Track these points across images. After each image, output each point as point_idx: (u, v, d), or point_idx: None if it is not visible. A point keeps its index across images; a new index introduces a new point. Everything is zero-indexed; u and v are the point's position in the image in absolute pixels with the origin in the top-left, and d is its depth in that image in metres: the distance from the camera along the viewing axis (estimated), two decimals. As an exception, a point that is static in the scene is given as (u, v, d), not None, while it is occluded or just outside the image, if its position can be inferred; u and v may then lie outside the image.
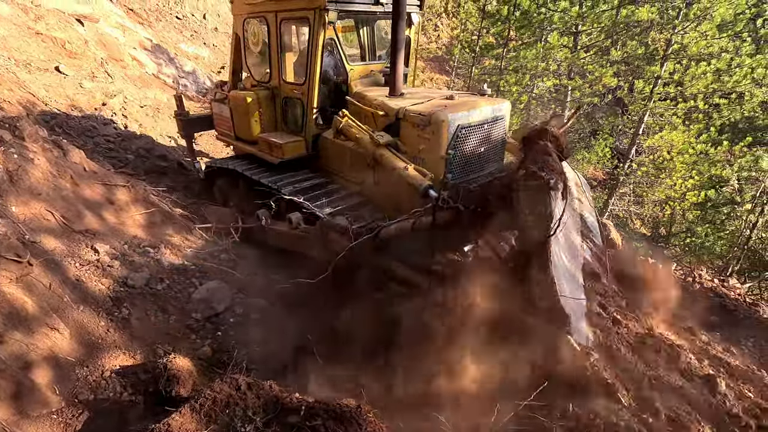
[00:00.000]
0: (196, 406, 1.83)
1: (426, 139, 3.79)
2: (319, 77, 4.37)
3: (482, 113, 3.93)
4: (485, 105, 3.97)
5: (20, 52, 9.09)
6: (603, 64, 12.22)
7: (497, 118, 4.08)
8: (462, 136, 3.79)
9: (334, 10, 4.10)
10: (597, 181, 19.12)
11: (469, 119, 3.83)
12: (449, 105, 3.92)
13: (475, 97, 4.35)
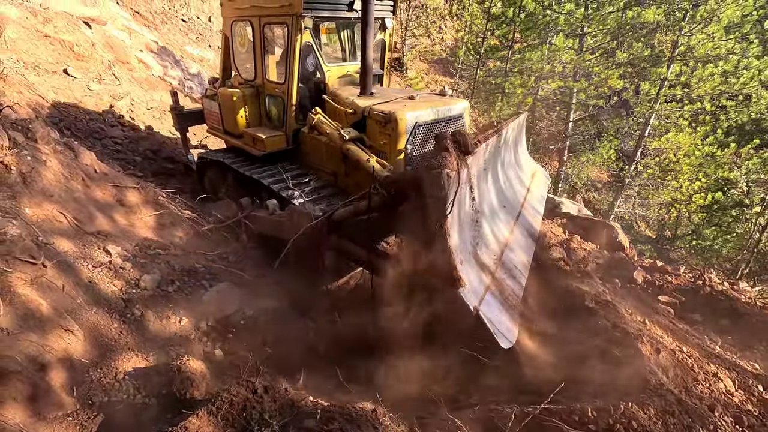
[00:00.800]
0: (213, 409, 1.82)
1: (387, 135, 4.19)
2: (297, 77, 4.71)
3: (439, 112, 4.35)
4: (442, 105, 4.40)
5: (29, 55, 9.15)
6: (609, 66, 12.18)
7: (454, 117, 4.49)
8: (419, 133, 4.23)
9: (309, 16, 4.46)
10: (601, 183, 19.05)
11: (426, 117, 4.25)
12: (408, 104, 4.32)
13: (435, 97, 4.76)
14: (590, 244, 6.32)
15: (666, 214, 14.09)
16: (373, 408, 2.10)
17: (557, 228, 6.70)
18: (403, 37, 20.74)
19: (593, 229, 7.06)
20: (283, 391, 1.99)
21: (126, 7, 16.30)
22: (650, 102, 11.65)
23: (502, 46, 14.07)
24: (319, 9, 4.53)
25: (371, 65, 4.51)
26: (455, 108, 4.48)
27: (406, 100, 4.45)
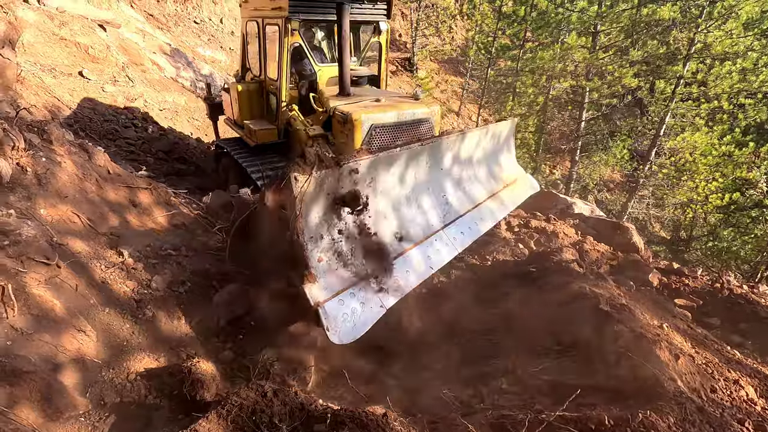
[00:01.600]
0: (222, 412, 1.82)
1: (345, 134, 4.42)
2: (286, 75, 5.01)
3: (400, 116, 4.53)
4: (406, 108, 4.60)
5: (46, 58, 9.31)
6: (622, 64, 11.98)
7: (418, 121, 4.68)
8: (376, 134, 4.42)
9: (296, 19, 4.69)
10: (614, 184, 18.77)
11: (383, 120, 4.43)
12: (370, 107, 4.51)
13: (403, 101, 4.92)
14: (603, 245, 6.21)
15: (681, 215, 13.83)
16: (384, 412, 2.08)
17: (569, 229, 6.60)
18: (413, 37, 20.69)
19: (607, 230, 6.95)
20: (292, 394, 1.97)
21: (140, 10, 16.53)
22: (665, 101, 11.44)
23: (514, 45, 13.94)
24: (306, 12, 4.73)
25: (348, 68, 4.71)
26: (419, 112, 4.66)
27: (372, 103, 4.61)
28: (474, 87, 19.10)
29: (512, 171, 5.37)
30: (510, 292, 4.50)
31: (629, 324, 2.77)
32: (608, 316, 2.89)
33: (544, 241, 6.31)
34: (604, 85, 11.95)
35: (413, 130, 4.64)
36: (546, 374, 2.69)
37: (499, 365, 3.13)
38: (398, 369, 3.73)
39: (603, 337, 2.72)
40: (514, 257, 5.80)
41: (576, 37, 11.71)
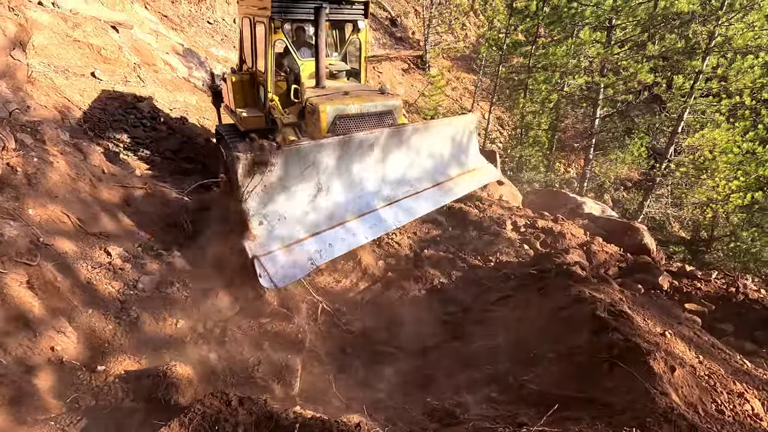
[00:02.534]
0: (185, 420, 1.77)
1: (314, 123, 4.87)
2: (272, 69, 5.48)
3: (363, 107, 4.97)
4: (368, 101, 5.03)
5: (59, 59, 9.49)
6: (639, 59, 11.61)
7: (381, 113, 5.12)
8: (340, 123, 4.83)
9: (279, 18, 5.10)
10: (632, 182, 18.26)
11: (347, 111, 4.86)
12: (336, 99, 4.95)
13: (369, 94, 5.32)
14: (613, 246, 6.01)
15: (701, 215, 13.36)
16: (358, 422, 2.00)
17: (578, 229, 6.40)
18: (425, 35, 20.51)
19: (617, 230, 6.73)
20: (261, 403, 1.91)
21: (154, 11, 16.77)
22: (684, 97, 11.03)
23: (526, 41, 13.66)
24: (288, 12, 5.17)
25: (323, 62, 5.22)
26: (380, 105, 5.11)
27: (340, 95, 5.09)
28: (486, 84, 18.83)
29: (474, 160, 5.97)
30: (510, 294, 4.37)
31: (626, 332, 2.62)
32: (605, 323, 2.75)
33: (551, 242, 6.14)
34: (620, 81, 11.60)
35: (375, 121, 5.09)
36: (535, 383, 2.57)
37: (491, 372, 3.02)
38: (391, 373, 3.66)
39: (597, 346, 2.59)
40: (518, 258, 5.65)
41: (590, 32, 11.39)
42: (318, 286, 4.69)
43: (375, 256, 5.38)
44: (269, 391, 2.82)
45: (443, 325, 4.39)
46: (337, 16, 5.48)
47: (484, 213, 6.65)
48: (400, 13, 27.84)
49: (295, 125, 5.18)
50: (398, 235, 5.94)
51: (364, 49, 6.17)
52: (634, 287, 4.74)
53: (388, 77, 19.38)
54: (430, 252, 5.58)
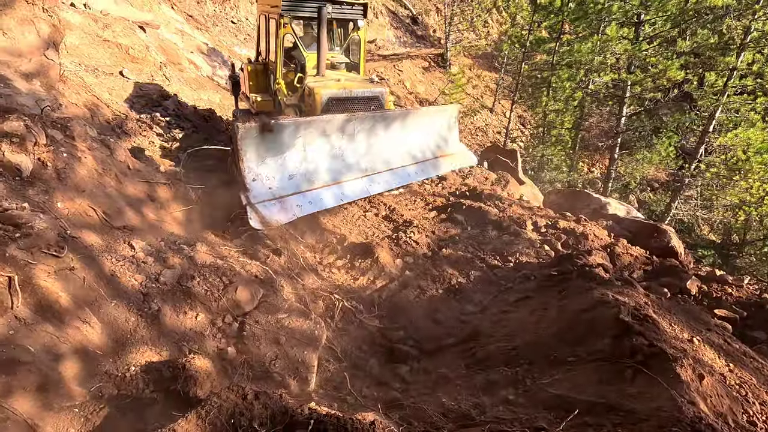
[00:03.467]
0: (202, 413, 1.79)
1: (311, 104, 5.69)
2: (281, 59, 6.32)
3: (352, 92, 5.74)
4: (356, 87, 5.85)
5: (89, 58, 9.78)
6: (669, 55, 11.23)
7: (367, 97, 5.87)
8: (332, 105, 5.58)
9: (288, 15, 5.89)
10: (659, 183, 17.69)
11: (338, 94, 5.64)
12: (330, 84, 5.77)
13: (358, 82, 6.13)
14: (638, 248, 5.82)
15: (732, 217, 12.83)
16: (372, 420, 1.99)
17: (601, 231, 6.23)
18: (446, 33, 20.33)
19: (643, 232, 6.52)
20: (276, 397, 1.92)
21: (180, 12, 17.13)
22: (716, 94, 10.61)
23: (550, 38, 13.37)
24: (296, 10, 5.93)
25: (324, 54, 6.01)
26: (368, 91, 5.89)
27: (334, 82, 5.90)
28: (508, 82, 18.54)
29: (453, 146, 6.72)
30: (530, 296, 4.29)
31: (651, 336, 2.53)
32: (628, 328, 2.66)
33: (573, 243, 5.99)
34: (648, 78, 11.24)
35: (363, 105, 5.86)
36: (555, 387, 2.51)
37: (509, 374, 2.97)
38: (406, 371, 3.64)
39: (620, 351, 2.50)
40: (539, 259, 5.54)
41: (617, 28, 11.07)
42: (335, 283, 4.71)
43: (392, 254, 5.36)
44: (285, 386, 2.84)
45: (461, 324, 4.35)
46: (338, 15, 6.33)
47: (503, 213, 6.55)
48: (422, 11, 27.68)
49: (296, 107, 6.12)
50: (416, 233, 5.91)
51: (363, 45, 7.04)
52: (660, 291, 4.58)
53: (408, 75, 19.31)
54: (448, 251, 5.53)
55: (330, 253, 5.53)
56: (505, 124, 15.22)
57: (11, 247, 2.42)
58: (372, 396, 3.14)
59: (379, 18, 25.79)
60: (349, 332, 4.06)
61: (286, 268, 4.34)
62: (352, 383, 3.27)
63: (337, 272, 5.13)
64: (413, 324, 4.30)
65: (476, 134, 17.98)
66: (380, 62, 19.74)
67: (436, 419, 2.40)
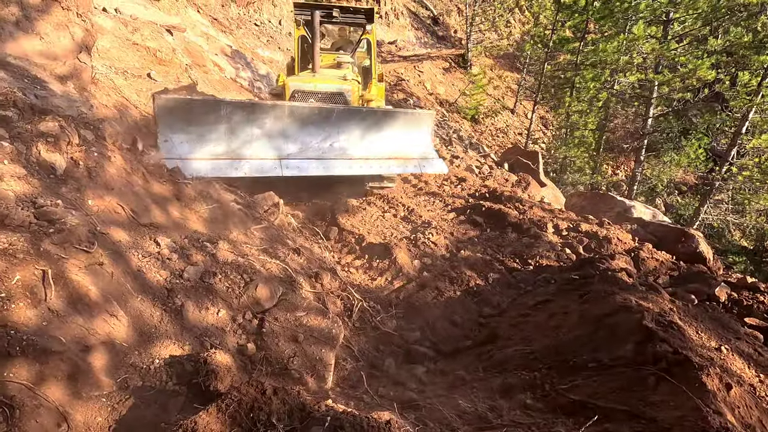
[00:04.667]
0: (222, 406, 1.84)
1: (284, 95, 6.49)
2: (297, 55, 7.68)
3: (316, 87, 6.38)
4: (324, 82, 6.48)
5: (120, 61, 10.12)
6: (699, 54, 10.88)
7: (332, 93, 6.42)
8: (297, 96, 6.30)
9: (300, 19, 7.11)
10: (687, 186, 17.11)
11: (302, 87, 6.36)
12: (302, 78, 6.67)
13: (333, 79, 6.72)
14: (664, 253, 5.66)
15: (766, 222, 12.32)
16: (388, 419, 2.00)
17: (625, 234, 6.09)
18: (468, 33, 20.20)
19: (669, 237, 6.34)
20: (294, 393, 1.95)
21: (206, 15, 17.54)
22: (750, 95, 10.21)
23: (574, 38, 13.12)
24: (307, 15, 6.93)
25: (317, 53, 6.72)
26: (333, 87, 6.47)
27: (309, 76, 6.67)
28: (530, 83, 18.28)
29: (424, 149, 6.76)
30: (549, 299, 4.23)
31: (675, 344, 2.46)
32: (652, 334, 2.59)
33: (595, 247, 5.88)
34: (676, 78, 10.91)
35: (327, 98, 6.36)
36: (575, 393, 2.46)
37: (527, 378, 2.93)
38: (422, 372, 3.64)
39: (643, 357, 2.44)
40: (559, 263, 5.45)
41: (644, 26, 10.78)
42: (353, 282, 4.75)
43: (410, 255, 5.37)
44: (303, 384, 2.88)
45: (478, 327, 4.32)
46: (347, 19, 7.09)
47: (524, 215, 6.47)
48: (443, 11, 27.58)
49: (277, 96, 7.13)
50: (435, 235, 5.90)
51: (374, 46, 7.81)
52: (686, 297, 4.44)
53: (428, 76, 19.25)
54: (467, 253, 5.50)
55: (348, 252, 5.57)
56: (527, 125, 15.00)
57: (45, 242, 2.53)
58: (388, 396, 3.14)
59: (400, 19, 25.81)
60: (366, 332, 4.08)
61: (305, 267, 4.40)
62: (368, 382, 3.28)
63: (355, 272, 5.17)
64: (430, 325, 4.29)
65: (497, 135, 17.79)
66: (400, 63, 19.75)
67: (452, 421, 2.39)
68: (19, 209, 2.65)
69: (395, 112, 6.78)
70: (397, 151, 6.43)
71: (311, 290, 3.95)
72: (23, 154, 3.03)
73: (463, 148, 13.28)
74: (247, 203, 5.48)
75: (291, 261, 4.24)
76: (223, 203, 4.73)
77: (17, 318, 2.13)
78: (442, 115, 17.84)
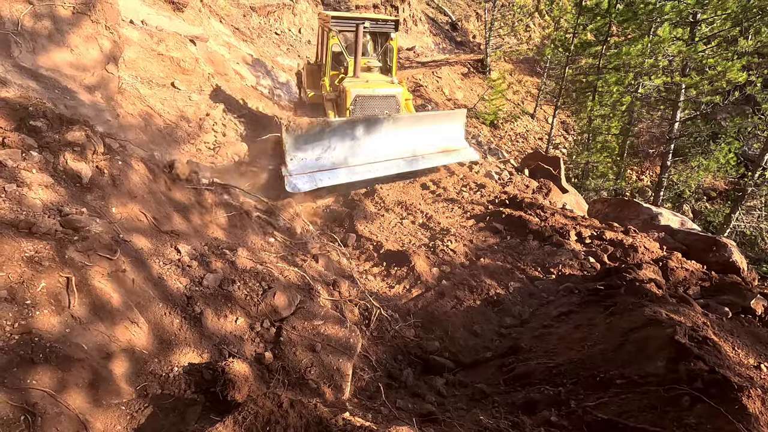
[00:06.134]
0: (239, 418, 1.82)
1: (343, 99, 7.39)
2: (329, 62, 8.01)
3: (374, 91, 7.42)
4: (379, 87, 7.52)
5: (145, 71, 10.40)
6: (728, 56, 10.50)
7: (386, 96, 7.50)
8: (358, 100, 7.29)
9: (334, 28, 7.56)
10: (716, 192, 16.48)
11: (362, 93, 7.31)
12: (359, 84, 7.41)
13: (382, 83, 7.73)
14: (694, 263, 5.43)
15: (803, 231, 11.75)
16: (406, 435, 1.94)
17: (652, 243, 5.87)
18: (486, 38, 20.06)
19: (699, 245, 6.08)
20: (311, 407, 1.92)
21: (228, 25, 17.94)
22: (784, 97, 9.79)
23: (596, 41, 12.87)
24: (342, 26, 7.62)
25: (359, 60, 7.55)
26: (387, 90, 7.54)
27: (362, 82, 7.50)
28: (551, 87, 18.00)
29: (458, 142, 8.12)
30: (573, 310, 4.10)
31: (711, 361, 2.33)
32: (685, 350, 2.46)
33: (620, 256, 5.68)
34: (705, 80, 10.56)
35: (382, 101, 7.45)
36: (602, 411, 2.35)
37: (551, 393, 2.83)
38: (442, 384, 3.56)
39: (676, 375, 2.32)
40: (583, 272, 5.29)
41: (670, 28, 10.49)
42: (371, 290, 4.70)
43: (429, 262, 5.30)
44: (320, 394, 2.85)
45: (499, 337, 4.21)
46: (375, 28, 7.89)
47: (545, 222, 6.32)
48: (461, 17, 27.51)
49: (334, 101, 7.80)
50: (454, 242, 5.81)
51: (396, 52, 8.59)
52: (719, 310, 4.24)
53: (446, 82, 19.18)
54: (486, 261, 5.40)
55: (366, 260, 5.54)
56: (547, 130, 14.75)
57: (70, 249, 2.58)
58: (406, 408, 3.08)
59: (419, 25, 25.85)
60: (384, 341, 4.03)
61: (323, 275, 4.38)
62: (386, 394, 3.23)
63: (372, 279, 5.13)
64: (449, 335, 4.20)
65: (516, 141, 17.56)
66: (419, 69, 19.75)
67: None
68: (45, 217, 2.71)
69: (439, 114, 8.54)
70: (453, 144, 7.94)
71: (329, 298, 3.93)
72: (51, 163, 3.11)
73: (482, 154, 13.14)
74: (267, 210, 5.52)
75: (309, 268, 4.23)
76: (243, 210, 4.78)
77: (41, 325, 2.17)
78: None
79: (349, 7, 22.24)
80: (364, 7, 22.28)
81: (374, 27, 7.87)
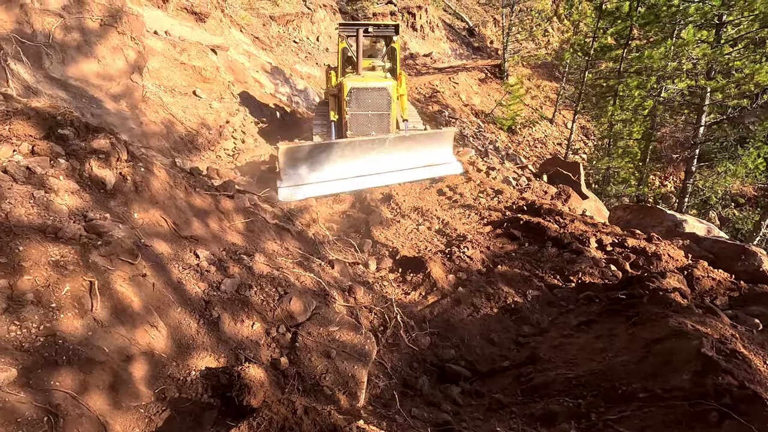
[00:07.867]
0: (253, 424, 1.82)
1: (341, 91, 8.06)
2: (340, 62, 9.18)
3: (367, 84, 7.99)
4: (370, 81, 8.10)
5: (168, 80, 10.67)
6: (756, 58, 10.18)
7: (378, 88, 7.99)
8: (353, 92, 7.92)
9: (342, 34, 9.05)
10: (745, 198, 15.92)
11: (357, 85, 7.91)
12: (354, 79, 8.07)
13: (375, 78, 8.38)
14: (721, 272, 5.23)
15: (839, 239, 11.23)
16: (422, 446, 1.91)
17: (677, 251, 5.69)
18: (504, 43, 19.96)
19: (727, 254, 5.86)
20: (326, 414, 1.91)
21: (248, 34, 18.30)
22: (816, 100, 9.42)
23: (616, 45, 12.65)
24: (346, 31, 9.08)
25: (361, 60, 8.38)
26: (378, 84, 8.05)
27: (359, 78, 8.16)
28: (570, 92, 17.75)
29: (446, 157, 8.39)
30: (594, 320, 3.99)
31: (741, 376, 2.23)
32: (712, 363, 2.36)
33: (643, 264, 5.53)
34: (731, 84, 10.25)
35: (375, 93, 7.98)
36: (625, 425, 2.28)
37: (571, 405, 2.75)
38: (458, 393, 3.51)
39: (702, 390, 2.23)
40: (604, 280, 5.16)
41: (694, 30, 10.24)
42: (386, 296, 4.68)
43: (445, 269, 5.25)
44: (334, 401, 2.84)
45: (517, 346, 4.14)
46: (378, 33, 8.98)
47: (564, 228, 6.21)
48: (478, 22, 27.45)
49: (336, 95, 8.65)
50: (470, 248, 5.75)
51: (398, 53, 9.36)
52: (749, 322, 4.07)
53: (463, 88, 19.14)
54: (504, 268, 5.32)
55: (382, 266, 5.52)
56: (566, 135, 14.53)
57: (93, 254, 2.65)
58: (422, 417, 3.04)
59: (435, 32, 25.90)
60: (400, 348, 4.00)
61: (339, 280, 4.39)
62: (401, 402, 3.20)
63: (388, 285, 5.11)
64: (466, 343, 4.15)
65: (535, 146, 17.35)
66: (436, 75, 19.76)
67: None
68: (71, 222, 2.80)
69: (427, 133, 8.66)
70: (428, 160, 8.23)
71: (344, 304, 3.93)
72: (77, 170, 3.21)
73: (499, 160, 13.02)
74: (284, 215, 5.58)
75: (324, 274, 4.25)
76: (260, 216, 4.84)
77: (65, 328, 2.22)
78: (477, 126, 17.62)
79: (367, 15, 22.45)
80: (381, 15, 22.46)
81: (377, 32, 8.95)
